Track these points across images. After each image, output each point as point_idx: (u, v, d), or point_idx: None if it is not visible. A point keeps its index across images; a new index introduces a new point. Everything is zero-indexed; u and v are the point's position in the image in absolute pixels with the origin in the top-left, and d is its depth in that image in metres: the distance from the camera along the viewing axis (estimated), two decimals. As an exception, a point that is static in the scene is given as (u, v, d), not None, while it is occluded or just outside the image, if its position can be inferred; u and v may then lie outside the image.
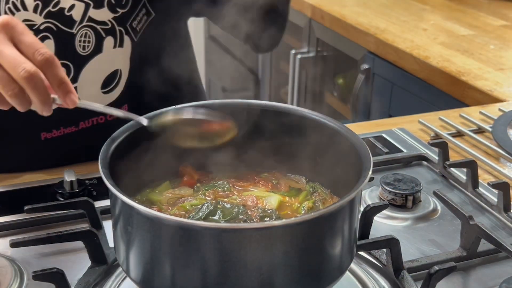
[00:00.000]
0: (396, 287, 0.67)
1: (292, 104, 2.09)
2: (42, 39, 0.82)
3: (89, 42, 0.85)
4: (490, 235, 0.68)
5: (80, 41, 0.85)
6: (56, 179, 0.83)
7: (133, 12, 0.88)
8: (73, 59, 0.85)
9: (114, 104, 0.91)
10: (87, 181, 0.83)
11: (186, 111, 0.68)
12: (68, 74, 0.85)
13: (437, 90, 1.40)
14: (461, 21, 1.75)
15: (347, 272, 0.67)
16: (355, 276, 0.68)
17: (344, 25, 1.75)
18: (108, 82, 0.90)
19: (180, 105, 0.69)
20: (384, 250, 0.68)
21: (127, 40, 0.89)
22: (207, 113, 0.68)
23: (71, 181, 0.80)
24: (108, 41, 0.87)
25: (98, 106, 0.66)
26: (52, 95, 0.64)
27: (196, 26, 3.04)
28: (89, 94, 0.88)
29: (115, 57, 0.89)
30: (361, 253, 0.71)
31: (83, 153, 0.91)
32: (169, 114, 0.67)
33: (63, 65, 0.84)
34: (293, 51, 2.05)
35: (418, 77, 1.46)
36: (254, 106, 0.70)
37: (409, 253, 0.72)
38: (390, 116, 1.56)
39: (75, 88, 0.85)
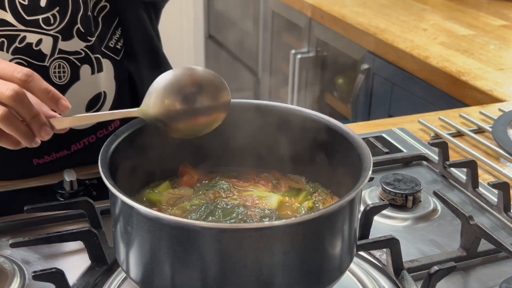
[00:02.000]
0: (396, 287, 0.67)
1: (292, 104, 2.09)
2: None
3: (64, 72, 0.84)
4: (490, 235, 0.68)
5: (54, 72, 0.83)
6: (56, 179, 0.83)
7: (107, 34, 0.87)
8: None
9: (105, 123, 0.91)
10: (87, 181, 0.83)
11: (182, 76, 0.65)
12: None
13: (437, 90, 1.40)
14: (461, 21, 1.75)
15: (347, 272, 0.67)
16: (355, 276, 0.68)
17: (344, 25, 1.75)
18: (93, 104, 0.89)
19: None
20: (384, 250, 0.68)
21: (106, 63, 0.88)
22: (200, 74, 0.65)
23: (71, 181, 0.80)
24: (85, 68, 0.85)
25: (90, 115, 0.65)
26: (47, 118, 0.62)
27: (196, 26, 3.04)
28: None
29: (95, 82, 0.87)
30: (361, 253, 0.71)
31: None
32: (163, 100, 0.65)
33: None
34: (293, 51, 2.05)
35: (418, 77, 1.46)
36: (254, 105, 0.70)
37: (409, 253, 0.72)
38: (390, 116, 1.56)
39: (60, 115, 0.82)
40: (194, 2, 3.02)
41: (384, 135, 1.02)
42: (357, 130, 1.05)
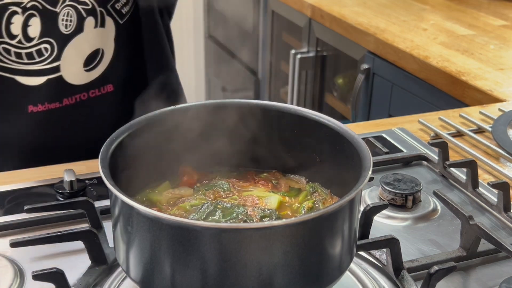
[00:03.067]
0: (396, 287, 0.67)
1: (292, 104, 2.09)
2: (29, 16, 0.87)
3: (71, 21, 0.90)
4: (490, 235, 0.68)
5: (63, 20, 0.90)
6: (56, 179, 0.83)
7: None
8: (57, 37, 0.91)
9: (98, 82, 0.97)
10: (87, 181, 0.83)
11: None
12: (52, 51, 0.91)
13: (437, 90, 1.40)
14: (461, 21, 1.75)
15: (347, 272, 0.67)
16: (355, 276, 0.68)
17: (344, 25, 1.75)
18: (90, 61, 0.95)
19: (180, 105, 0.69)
20: (384, 250, 0.68)
21: (109, 21, 0.94)
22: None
23: (71, 181, 0.80)
24: (89, 21, 0.92)
25: None
26: None
27: (196, 26, 3.04)
28: (72, 71, 0.94)
29: (96, 37, 0.94)
30: (361, 253, 0.71)
31: (76, 144, 0.98)
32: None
33: (47, 42, 0.90)
34: (293, 51, 2.05)
35: (418, 77, 1.46)
36: (253, 105, 0.70)
37: (409, 253, 0.72)
38: (390, 116, 1.56)
39: (59, 65, 0.92)
40: (194, 2, 3.02)
41: (384, 135, 1.02)
42: (357, 130, 1.05)
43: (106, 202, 0.77)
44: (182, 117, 0.68)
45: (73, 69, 0.94)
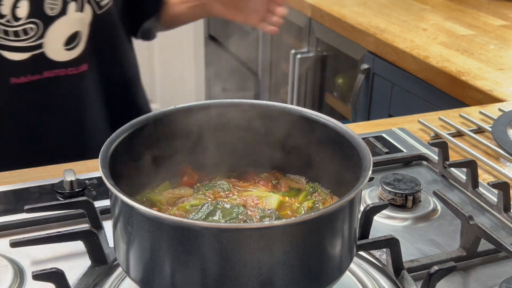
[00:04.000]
0: (396, 287, 0.67)
1: (292, 104, 2.09)
2: None
3: (56, 5, 1.02)
4: (490, 235, 0.68)
5: (49, 3, 1.01)
6: (56, 179, 0.83)
7: None
8: (42, 18, 1.02)
9: (75, 61, 1.08)
10: (87, 181, 0.83)
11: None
12: (37, 31, 1.02)
13: (437, 90, 1.40)
14: (461, 21, 1.75)
15: (347, 272, 0.67)
16: (355, 276, 0.68)
17: (344, 25, 1.75)
18: (70, 41, 1.07)
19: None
20: (384, 250, 0.68)
21: (87, 8, 1.07)
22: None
23: (71, 181, 0.80)
24: (72, 5, 1.04)
25: None
26: None
27: (196, 26, 3.04)
28: (54, 49, 1.05)
29: (76, 20, 1.06)
30: (361, 253, 0.71)
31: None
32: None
33: (33, 23, 1.02)
34: (293, 51, 2.05)
35: (418, 77, 1.46)
36: (253, 106, 0.70)
37: (409, 253, 0.72)
38: (390, 116, 1.56)
39: (42, 43, 1.03)
40: (194, 2, 3.01)
41: (384, 135, 1.02)
42: (357, 130, 1.05)
43: (106, 202, 0.77)
44: (182, 117, 0.68)
45: (55, 47, 1.05)
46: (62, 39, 1.05)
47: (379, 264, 0.70)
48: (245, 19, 1.19)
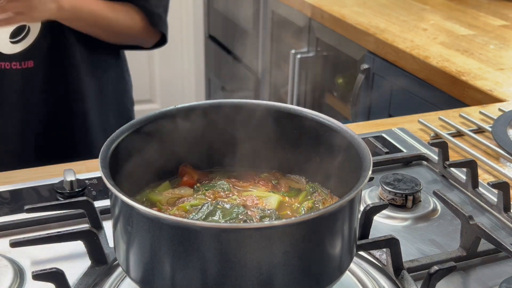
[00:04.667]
0: (396, 287, 0.67)
1: (292, 104, 2.09)
2: None
3: None
4: (490, 235, 0.68)
5: None
6: (56, 179, 0.83)
7: None
8: None
9: (21, 55, 1.09)
10: (87, 181, 0.83)
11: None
12: None
13: (437, 90, 1.40)
14: (461, 21, 1.75)
15: (347, 272, 0.67)
16: (355, 276, 0.68)
17: (344, 25, 1.75)
18: (16, 34, 1.07)
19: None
20: (384, 250, 0.68)
21: None
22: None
23: (71, 181, 0.80)
24: None
25: None
26: None
27: (196, 26, 3.04)
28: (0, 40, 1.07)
29: None
30: (361, 253, 0.71)
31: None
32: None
33: None
34: (293, 51, 2.05)
35: (418, 77, 1.46)
36: (254, 106, 0.70)
37: (409, 253, 0.72)
38: (390, 116, 1.56)
39: None
40: (194, 2, 3.02)
41: (384, 135, 1.02)
42: (357, 130, 1.05)
43: (106, 202, 0.77)
44: (182, 117, 0.68)
45: (1, 38, 1.06)
46: (7, 32, 1.06)
47: (379, 264, 0.70)
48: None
